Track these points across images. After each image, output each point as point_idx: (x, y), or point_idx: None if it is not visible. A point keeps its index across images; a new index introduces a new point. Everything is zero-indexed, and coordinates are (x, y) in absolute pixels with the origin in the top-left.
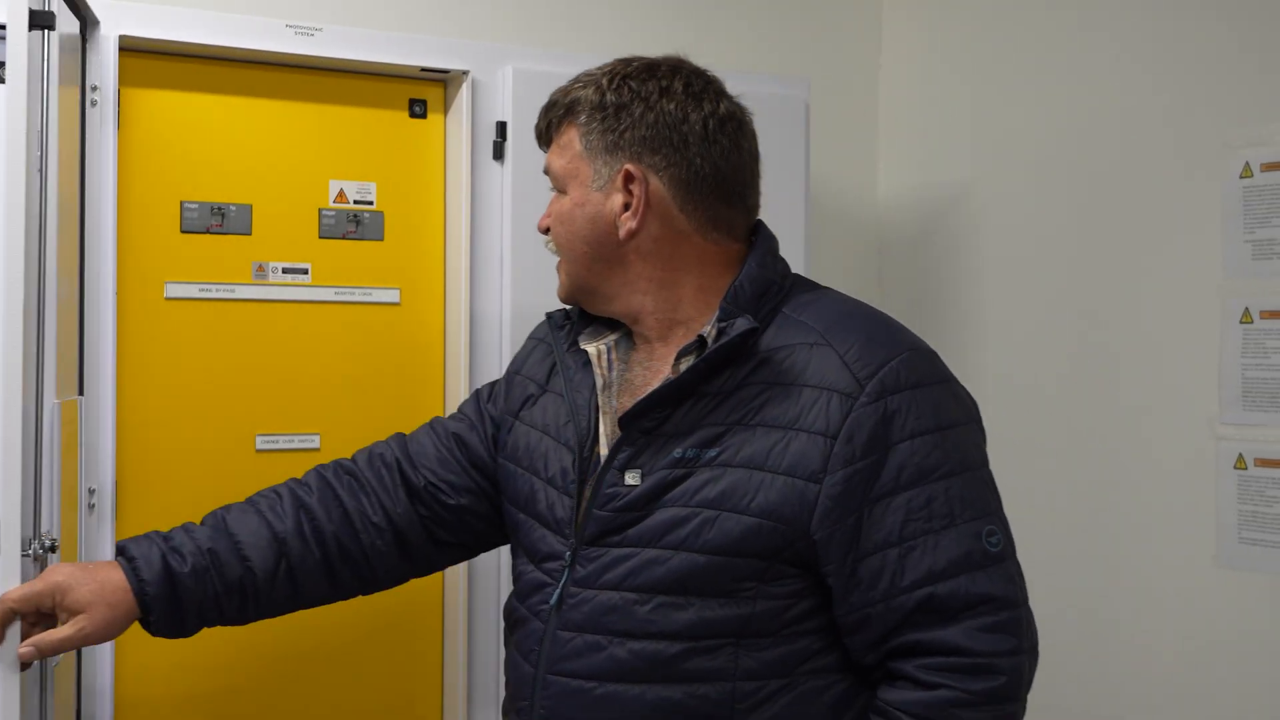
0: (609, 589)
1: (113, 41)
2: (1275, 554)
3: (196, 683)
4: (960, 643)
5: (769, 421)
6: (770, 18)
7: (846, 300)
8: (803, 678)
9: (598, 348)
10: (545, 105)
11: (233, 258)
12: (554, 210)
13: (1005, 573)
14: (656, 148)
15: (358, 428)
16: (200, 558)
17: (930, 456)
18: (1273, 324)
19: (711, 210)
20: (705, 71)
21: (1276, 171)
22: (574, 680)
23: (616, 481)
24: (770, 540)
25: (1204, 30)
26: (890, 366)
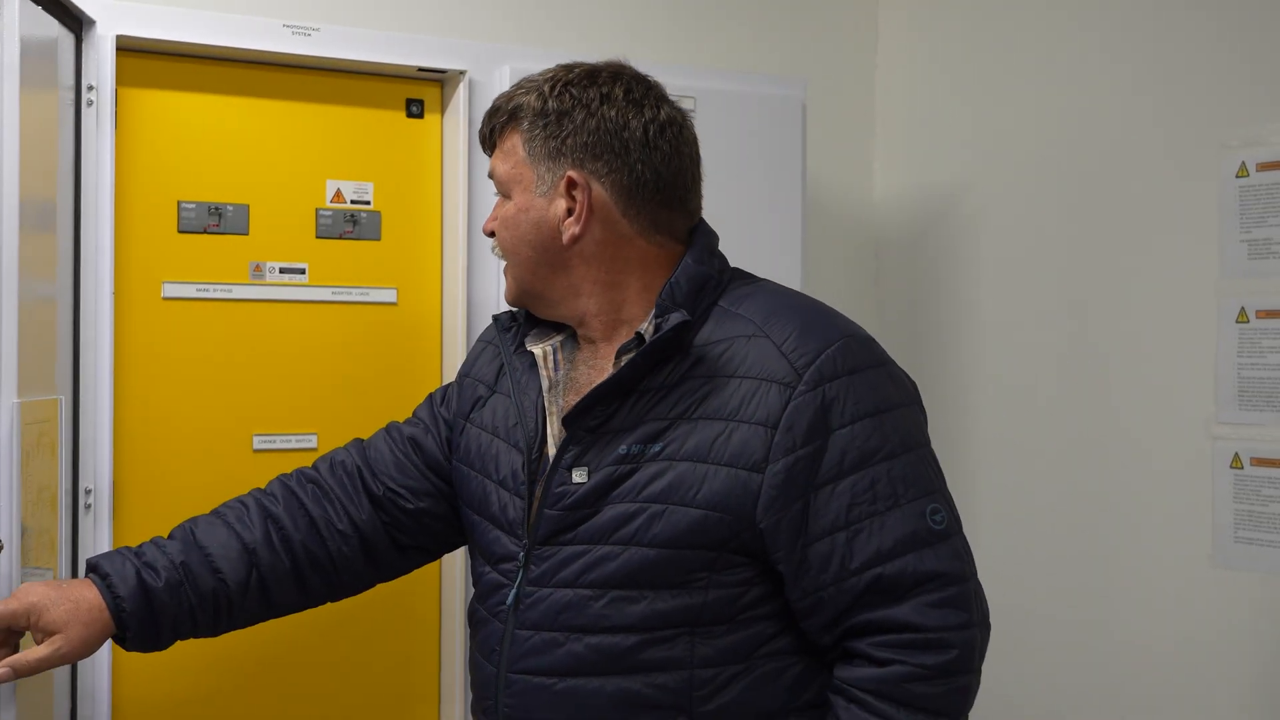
0: (563, 586)
1: (109, 41)
2: (1271, 553)
3: (193, 683)
4: (911, 619)
5: (710, 414)
6: (767, 18)
7: (783, 291)
8: (759, 661)
9: (543, 349)
10: (489, 110)
11: (230, 257)
12: (499, 214)
13: (951, 549)
14: (599, 154)
15: (355, 427)
16: (174, 571)
17: (871, 440)
18: (1269, 323)
19: (653, 214)
20: (646, 77)
21: (1272, 171)
22: (535, 677)
23: (565, 480)
24: (717, 531)
25: (1200, 30)
26: (827, 354)
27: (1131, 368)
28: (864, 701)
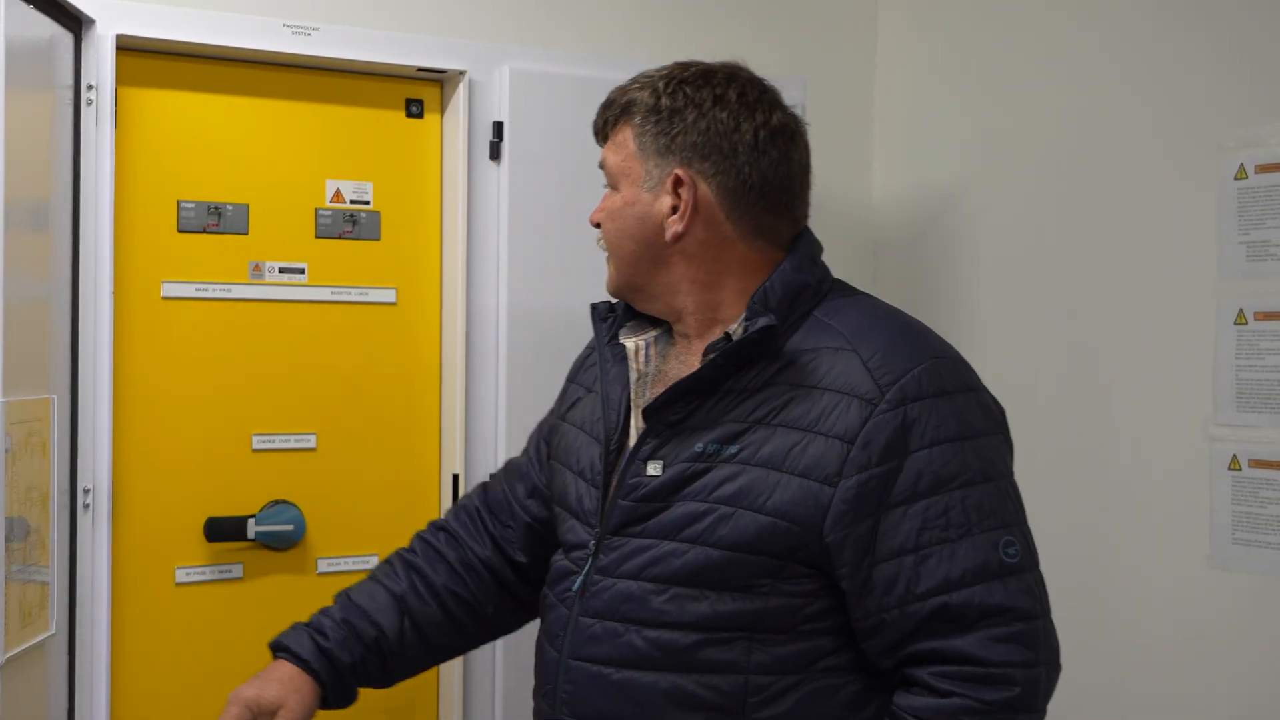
0: (627, 578)
1: (109, 41)
2: (1269, 555)
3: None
4: (974, 652)
5: (789, 422)
6: (767, 18)
7: (879, 306)
8: (816, 675)
9: (636, 343)
10: (604, 103)
11: (229, 257)
12: (605, 206)
13: (1023, 584)
14: (707, 154)
15: (354, 427)
16: (338, 629)
17: (949, 465)
18: (1267, 325)
19: (757, 218)
20: (762, 80)
21: (1271, 173)
22: (593, 665)
23: (639, 472)
24: (784, 540)
25: (1199, 32)
26: (913, 374)
27: (1130, 369)
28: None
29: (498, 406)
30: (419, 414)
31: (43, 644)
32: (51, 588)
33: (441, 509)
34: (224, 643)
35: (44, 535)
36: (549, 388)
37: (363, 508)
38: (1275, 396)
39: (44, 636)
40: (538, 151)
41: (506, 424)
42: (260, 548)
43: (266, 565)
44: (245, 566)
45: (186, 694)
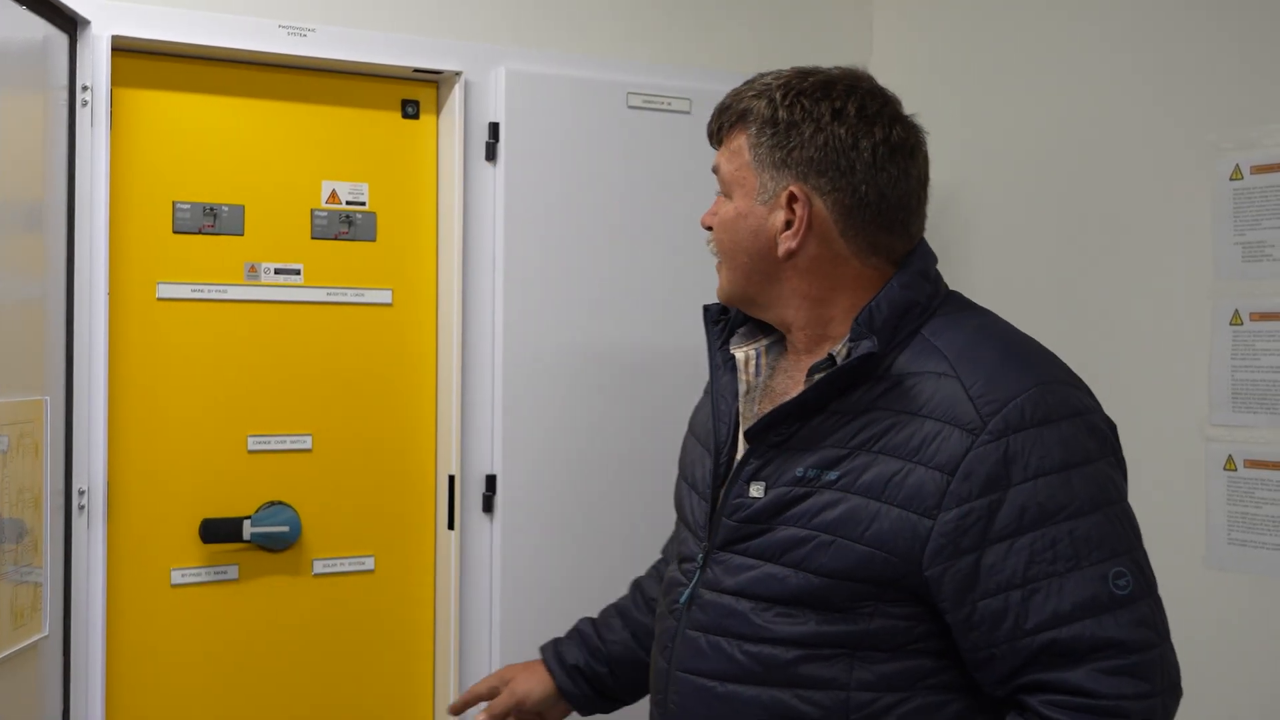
0: (731, 594)
1: (105, 42)
2: (1265, 555)
3: (187, 690)
4: (1085, 685)
5: (890, 450)
6: (761, 19)
7: (987, 325)
8: (919, 694)
9: (746, 353)
10: (719, 107)
11: (225, 258)
12: (719, 213)
13: (1134, 615)
14: (823, 170)
15: (350, 428)
16: (572, 640)
17: (1055, 497)
18: (1262, 326)
19: (872, 236)
20: (883, 91)
21: (1266, 174)
22: (698, 678)
23: (742, 493)
24: (883, 570)
25: (1194, 33)
26: (1015, 403)
27: (1125, 369)
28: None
29: (494, 407)
30: (415, 415)
31: (36, 645)
32: (45, 589)
33: (438, 510)
34: (219, 644)
35: (38, 536)
36: (545, 389)
37: (359, 509)
38: (1271, 397)
39: (37, 638)
40: (534, 152)
41: (503, 425)
42: (256, 549)
43: (262, 566)
44: (241, 568)
45: (182, 696)
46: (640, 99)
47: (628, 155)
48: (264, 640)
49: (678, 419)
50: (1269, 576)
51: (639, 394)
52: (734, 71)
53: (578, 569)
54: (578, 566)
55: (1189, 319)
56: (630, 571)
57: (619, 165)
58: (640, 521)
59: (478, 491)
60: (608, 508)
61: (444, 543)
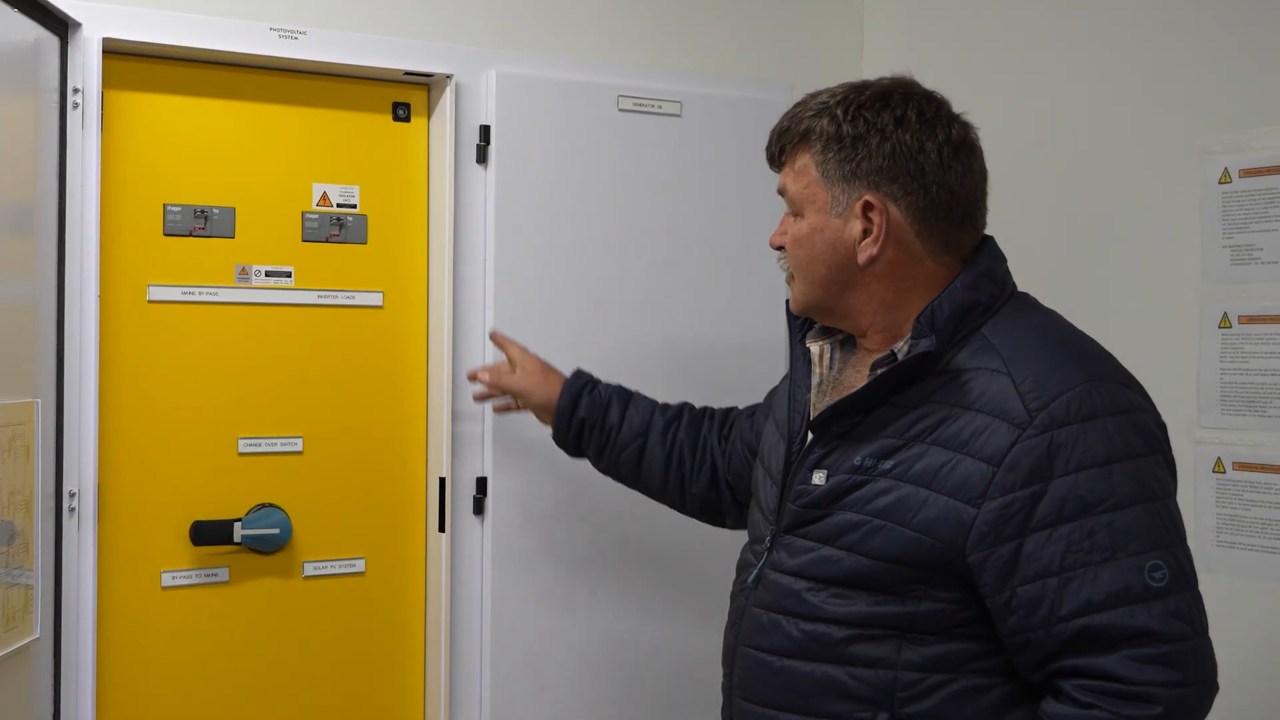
0: (791, 574)
1: (96, 44)
2: (1253, 557)
3: (179, 691)
4: (1116, 671)
5: (942, 441)
6: (752, 22)
7: (1046, 325)
8: (965, 676)
9: (820, 346)
10: (778, 130)
11: (216, 260)
12: (791, 231)
13: (1168, 608)
14: (894, 176)
15: (341, 431)
16: (603, 394)
17: (1095, 490)
18: (1251, 329)
19: (945, 234)
20: (934, 94)
21: (1255, 177)
22: (759, 653)
23: (806, 480)
24: (930, 555)
25: (1183, 37)
26: (1061, 400)
27: None
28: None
29: (485, 409)
30: (406, 417)
31: (27, 648)
32: (36, 591)
33: (429, 513)
34: (210, 646)
35: (28, 539)
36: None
37: (349, 511)
38: (1259, 399)
39: (28, 640)
40: (524, 155)
41: (493, 427)
42: (246, 551)
43: (253, 569)
44: (231, 570)
45: (173, 698)
46: (631, 102)
47: (619, 158)
48: (255, 642)
49: None
50: (1258, 578)
51: None
52: (725, 74)
53: (568, 572)
54: (568, 570)
55: (1178, 322)
56: (620, 574)
57: (610, 168)
58: (631, 524)
59: (468, 494)
60: (598, 511)
61: (434, 545)
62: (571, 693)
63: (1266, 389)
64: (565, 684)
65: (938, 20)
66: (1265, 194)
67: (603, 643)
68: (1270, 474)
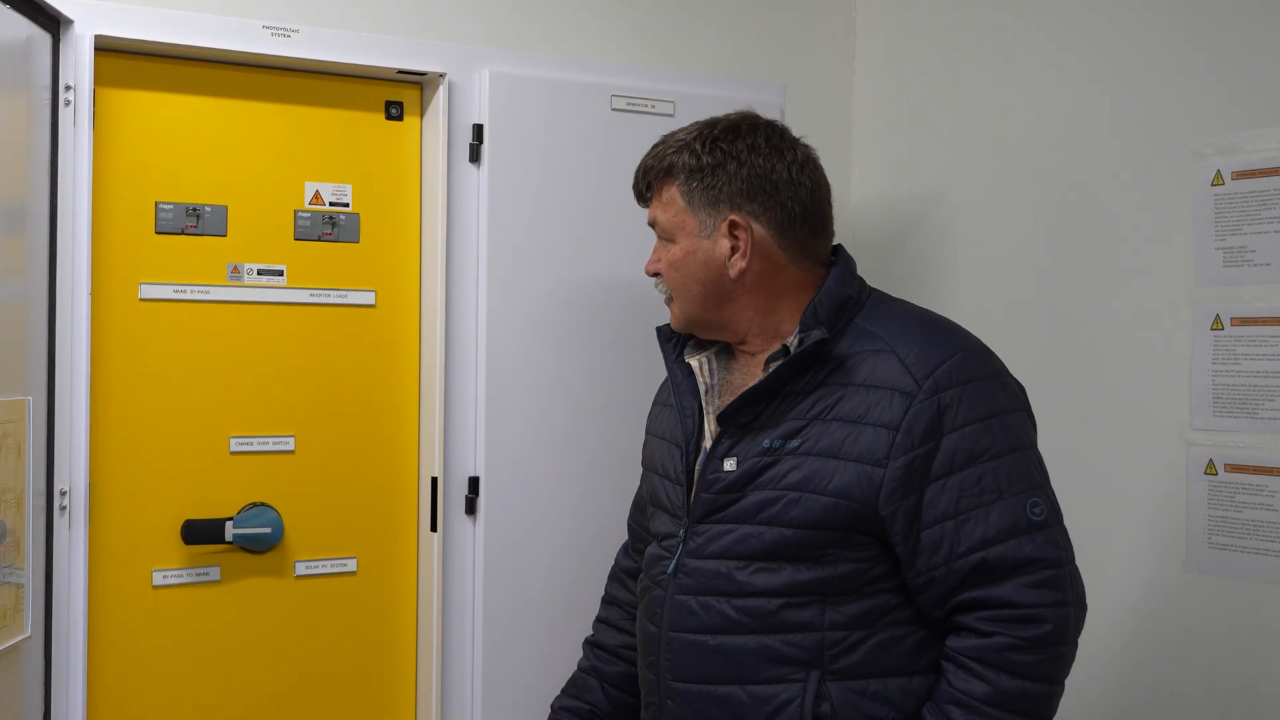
0: (714, 558)
1: (88, 41)
2: (1245, 559)
3: (170, 692)
4: (1010, 597)
5: (842, 416)
6: (745, 23)
7: (910, 310)
8: (883, 628)
9: (699, 360)
10: (642, 169)
11: (208, 259)
12: (665, 258)
13: (1050, 538)
14: (753, 196)
15: (333, 430)
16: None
17: (980, 441)
18: (1243, 330)
19: (802, 243)
20: (776, 123)
21: (1247, 180)
22: (692, 635)
23: (717, 469)
24: (845, 516)
25: (1176, 39)
26: (943, 367)
27: (1107, 374)
28: (970, 667)
29: (477, 409)
30: (398, 417)
31: (18, 647)
32: (27, 590)
33: (420, 512)
34: (202, 646)
35: (19, 537)
36: (528, 390)
37: (341, 510)
38: (1251, 401)
39: (19, 639)
40: (517, 154)
41: (486, 427)
42: (238, 550)
43: (244, 568)
44: (223, 569)
45: (164, 697)
46: (624, 101)
47: (611, 157)
48: (246, 641)
49: None
50: (1250, 580)
51: (622, 397)
52: (717, 76)
53: (560, 571)
54: (560, 569)
55: (1170, 324)
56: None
57: (603, 167)
58: (623, 524)
59: (460, 493)
60: (590, 510)
61: (426, 545)
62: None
63: (1259, 391)
64: (558, 683)
65: (929, 21)
66: (1257, 196)
67: None
68: (1262, 476)
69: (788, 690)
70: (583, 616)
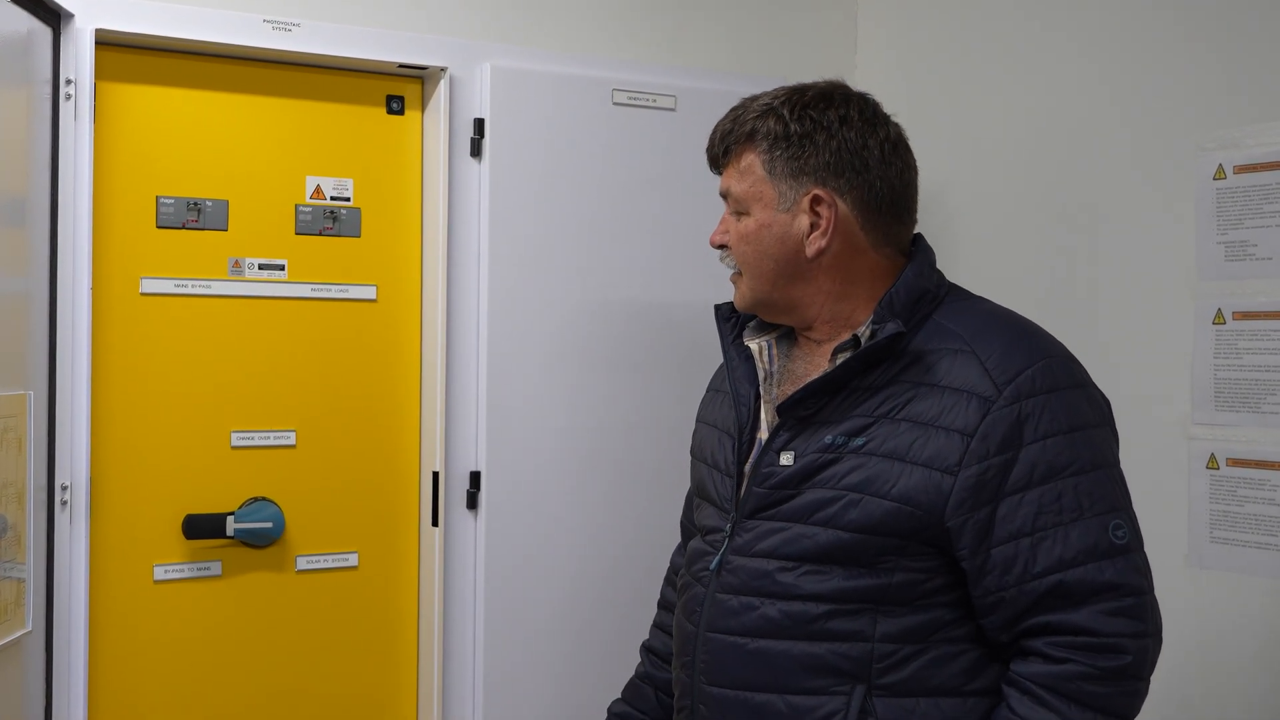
0: (761, 556)
1: (89, 35)
2: (1247, 553)
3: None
4: (1087, 624)
5: (913, 417)
6: (747, 18)
7: (994, 309)
8: (936, 644)
9: (759, 344)
10: (720, 131)
11: (209, 253)
12: (736, 230)
13: (1131, 563)
14: (840, 171)
15: (334, 424)
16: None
17: (1061, 455)
18: (1245, 325)
19: (886, 227)
20: (868, 96)
21: (1249, 174)
22: (730, 637)
23: (773, 462)
24: (908, 523)
25: (1178, 35)
26: (1026, 373)
27: (1109, 368)
28: (1038, 695)
29: (478, 403)
30: (399, 411)
31: (19, 641)
32: (28, 584)
33: (422, 507)
34: (202, 640)
35: (20, 532)
36: (529, 385)
37: (342, 505)
38: (1253, 396)
39: (20, 634)
40: (518, 148)
41: (487, 421)
42: (239, 545)
43: (245, 563)
44: (224, 564)
45: (165, 691)
46: (625, 96)
47: (613, 152)
48: (247, 636)
49: (662, 415)
50: (1251, 574)
51: (624, 390)
52: (719, 70)
53: (562, 566)
54: (562, 563)
55: (1172, 318)
56: (614, 568)
57: (604, 162)
58: (625, 518)
59: (462, 488)
60: (592, 504)
61: (428, 539)
62: (566, 685)
63: (1260, 385)
64: (559, 676)
65: (931, 17)
66: (1260, 190)
67: (596, 636)
68: (1264, 470)
69: (831, 703)
70: (584, 610)
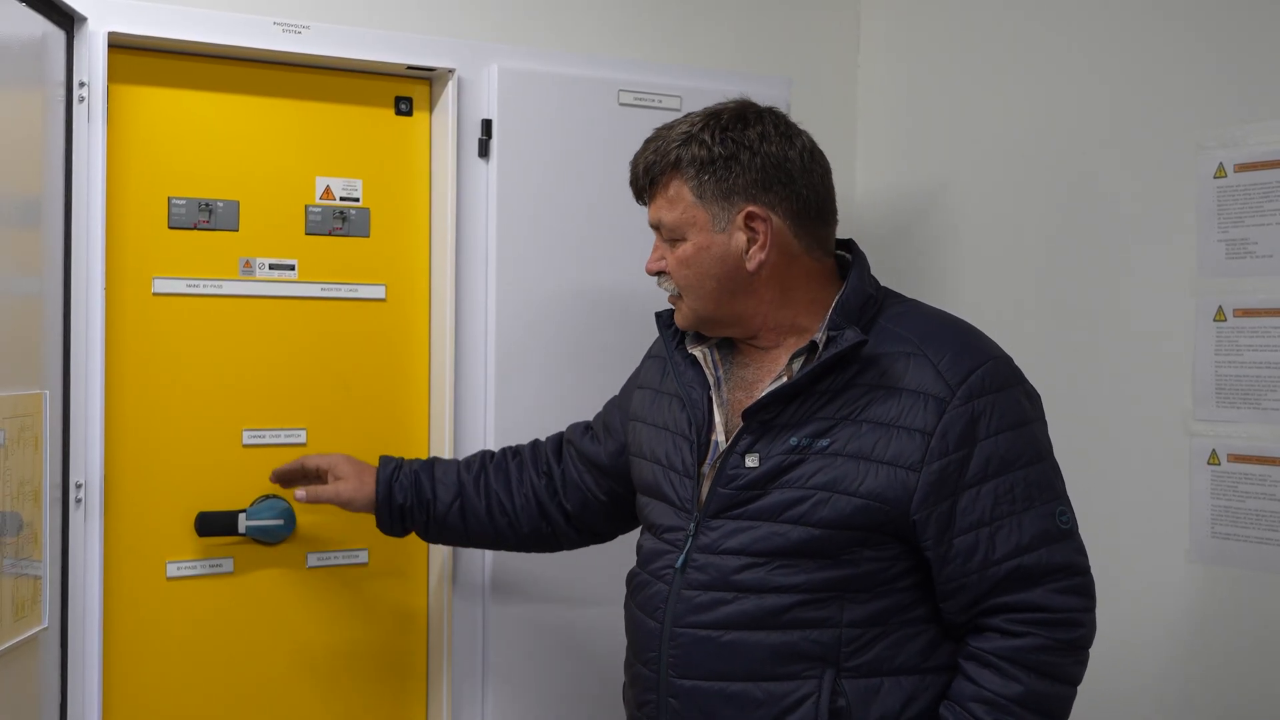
0: (730, 554)
1: (101, 38)
2: (1248, 549)
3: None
4: (1043, 602)
5: (873, 419)
6: (751, 18)
7: (933, 312)
8: (896, 627)
9: (702, 351)
10: (643, 164)
11: (220, 254)
12: (673, 256)
13: (1075, 545)
14: (769, 186)
15: (344, 423)
16: (409, 477)
17: (1011, 450)
18: (1246, 322)
19: (815, 232)
20: (775, 109)
21: (1250, 172)
22: (701, 630)
23: (738, 464)
24: (875, 517)
25: (1179, 33)
26: (976, 374)
27: (1110, 366)
28: (999, 668)
29: (486, 402)
30: (408, 410)
31: (36, 638)
32: (44, 581)
33: None
34: (215, 636)
35: (36, 529)
36: (537, 383)
37: None
38: (1254, 392)
39: (37, 630)
40: (526, 149)
41: (495, 420)
42: (251, 542)
43: (257, 560)
44: (236, 561)
45: (178, 687)
46: (631, 96)
47: (618, 152)
48: (259, 632)
49: None
50: (1252, 570)
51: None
52: (723, 70)
53: (568, 561)
54: (569, 560)
55: (1173, 315)
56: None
57: (610, 162)
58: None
59: None
60: None
61: None
62: (574, 682)
63: (1261, 382)
64: (567, 673)
65: (934, 14)
66: (1260, 188)
67: (606, 632)
68: (1265, 466)
69: (804, 687)
70: (592, 605)
